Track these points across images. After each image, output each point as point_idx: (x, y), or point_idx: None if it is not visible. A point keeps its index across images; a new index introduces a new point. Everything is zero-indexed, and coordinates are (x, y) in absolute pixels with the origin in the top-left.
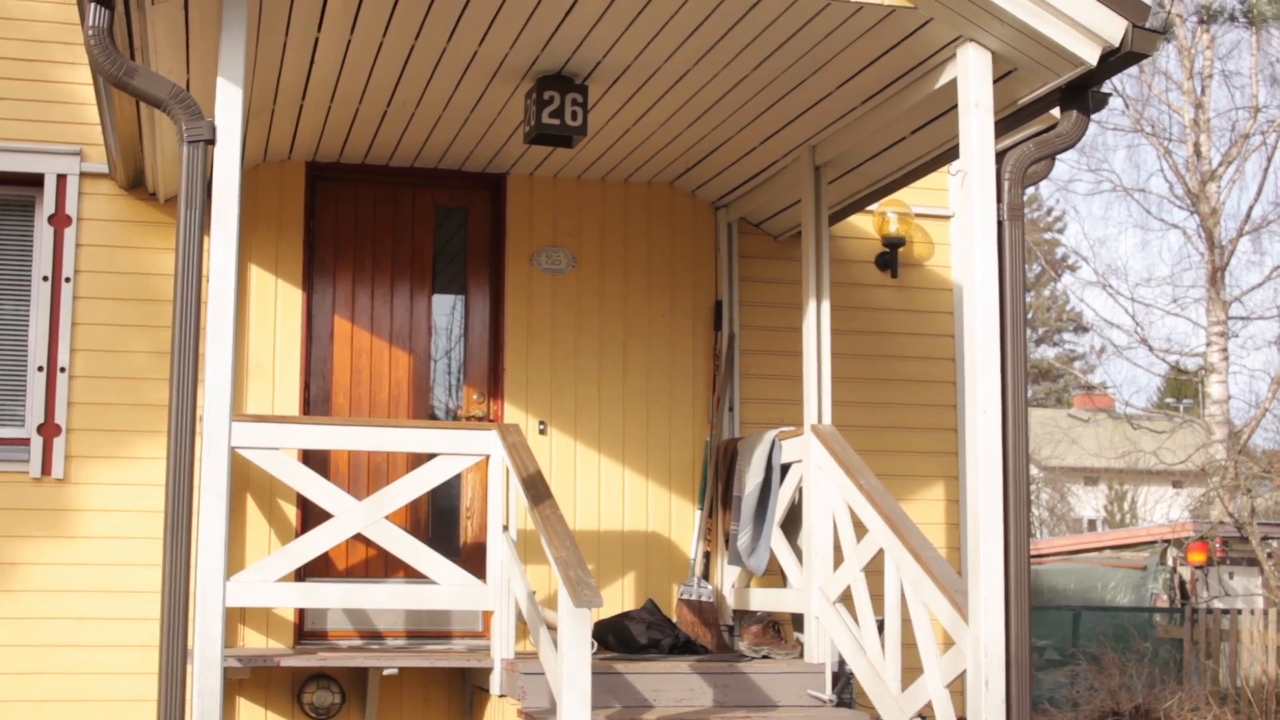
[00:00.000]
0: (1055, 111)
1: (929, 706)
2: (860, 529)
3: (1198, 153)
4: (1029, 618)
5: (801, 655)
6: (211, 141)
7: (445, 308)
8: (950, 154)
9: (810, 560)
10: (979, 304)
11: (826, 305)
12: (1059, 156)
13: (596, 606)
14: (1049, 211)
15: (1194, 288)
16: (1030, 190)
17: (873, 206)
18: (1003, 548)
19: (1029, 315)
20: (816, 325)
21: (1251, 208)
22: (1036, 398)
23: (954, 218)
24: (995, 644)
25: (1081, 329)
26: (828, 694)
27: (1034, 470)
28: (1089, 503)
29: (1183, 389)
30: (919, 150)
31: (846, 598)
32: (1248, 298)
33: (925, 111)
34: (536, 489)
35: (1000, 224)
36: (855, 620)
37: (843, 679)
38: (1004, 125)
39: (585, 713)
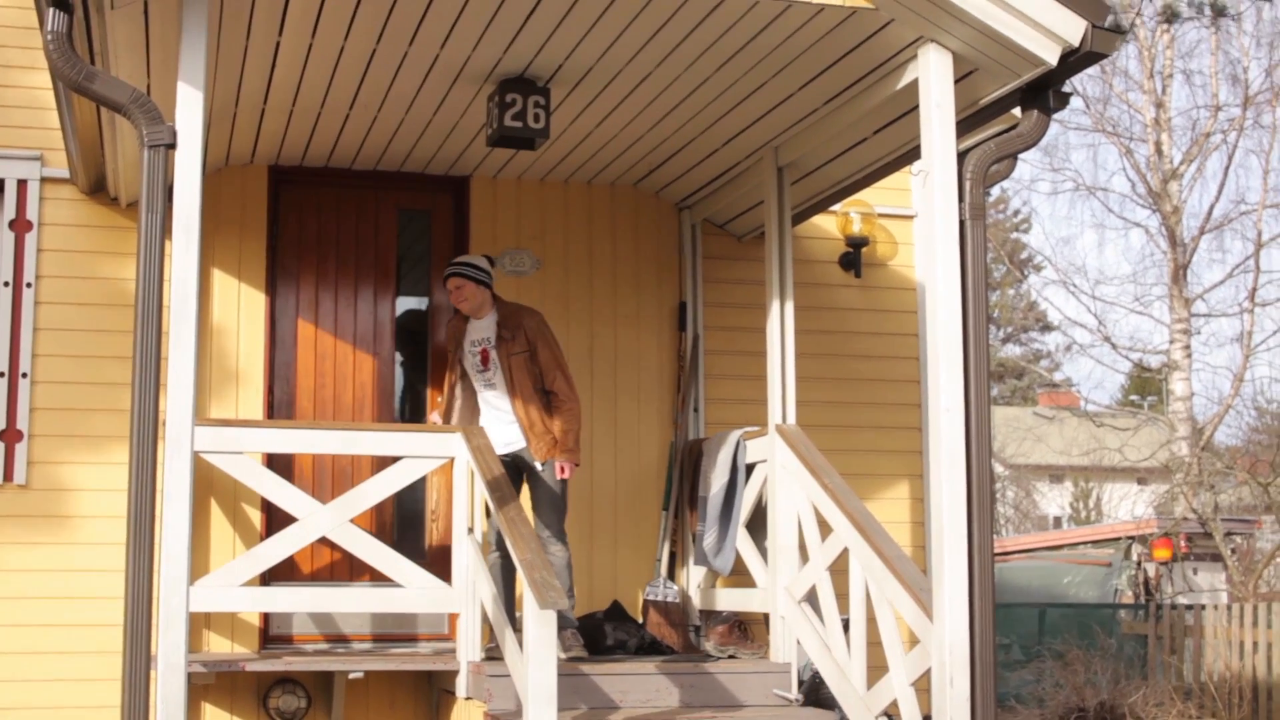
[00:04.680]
0: (1016, 111)
1: (894, 705)
2: (825, 528)
3: (1159, 152)
4: (993, 615)
5: (767, 655)
6: (172, 146)
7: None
8: (913, 154)
9: (775, 560)
10: (941, 303)
11: (790, 305)
12: (1021, 156)
13: (561, 608)
14: (1015, 214)
15: (1156, 285)
16: (995, 192)
17: (836, 207)
18: (967, 546)
19: (994, 314)
20: (780, 325)
21: (1213, 206)
22: (1002, 396)
23: (917, 218)
24: (960, 642)
25: (1047, 327)
26: (793, 693)
27: (1000, 468)
28: (1055, 500)
29: (1146, 386)
30: (881, 151)
31: (812, 597)
32: (1210, 295)
33: (887, 112)
34: (501, 491)
35: (962, 224)
36: (821, 619)
37: (808, 678)
38: (966, 125)
39: (551, 714)
